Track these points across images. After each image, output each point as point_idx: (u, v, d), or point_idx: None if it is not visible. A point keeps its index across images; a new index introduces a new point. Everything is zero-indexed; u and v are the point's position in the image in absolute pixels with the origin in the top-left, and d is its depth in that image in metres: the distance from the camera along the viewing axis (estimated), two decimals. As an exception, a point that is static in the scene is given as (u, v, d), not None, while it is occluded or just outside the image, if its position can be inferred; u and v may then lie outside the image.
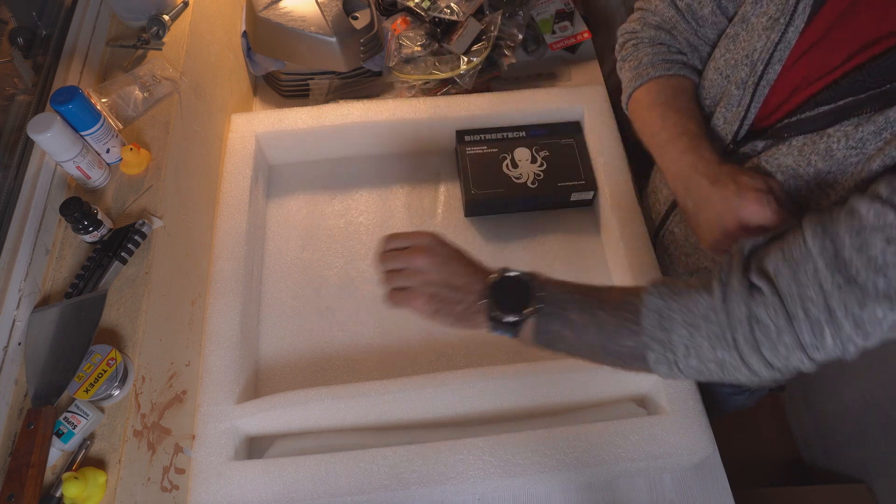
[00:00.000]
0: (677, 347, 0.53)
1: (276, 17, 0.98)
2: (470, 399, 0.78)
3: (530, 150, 0.98)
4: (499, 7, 1.06)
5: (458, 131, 1.00)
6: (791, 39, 0.63)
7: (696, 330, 0.53)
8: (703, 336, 0.52)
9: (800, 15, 0.62)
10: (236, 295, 0.84)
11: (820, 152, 0.59)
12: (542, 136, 1.00)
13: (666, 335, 0.54)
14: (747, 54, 0.67)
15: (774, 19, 0.64)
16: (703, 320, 0.52)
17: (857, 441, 1.37)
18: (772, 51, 0.64)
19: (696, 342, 0.53)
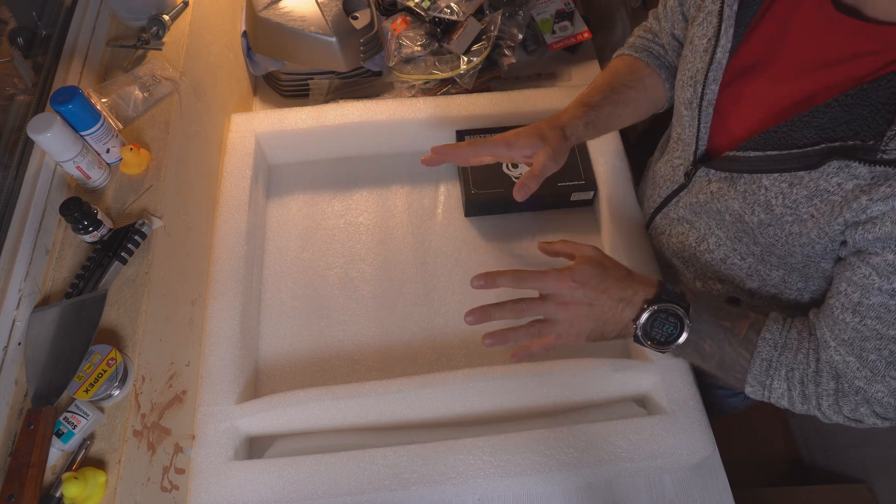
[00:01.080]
0: (773, 392, 0.64)
1: (276, 17, 0.98)
2: (470, 399, 0.78)
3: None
4: (499, 7, 1.06)
5: (458, 131, 1.00)
6: (721, 60, 0.65)
7: (793, 387, 0.62)
8: (797, 394, 0.62)
9: (723, 35, 0.64)
10: (236, 295, 0.84)
11: (762, 204, 0.62)
12: None
13: (769, 381, 0.64)
14: (692, 75, 0.69)
15: (710, 40, 0.66)
16: (800, 384, 0.62)
17: (857, 441, 1.37)
18: (706, 71, 0.66)
19: (791, 396, 0.63)
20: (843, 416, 0.61)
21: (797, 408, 0.64)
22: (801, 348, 0.63)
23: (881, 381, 0.57)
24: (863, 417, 0.60)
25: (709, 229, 0.74)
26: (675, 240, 0.81)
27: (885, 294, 0.54)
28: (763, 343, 0.63)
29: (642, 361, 0.80)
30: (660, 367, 0.78)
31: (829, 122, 0.55)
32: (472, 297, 0.91)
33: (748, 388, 0.65)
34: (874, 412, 0.59)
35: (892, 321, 0.55)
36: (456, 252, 0.95)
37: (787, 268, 0.67)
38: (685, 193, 0.76)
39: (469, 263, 0.94)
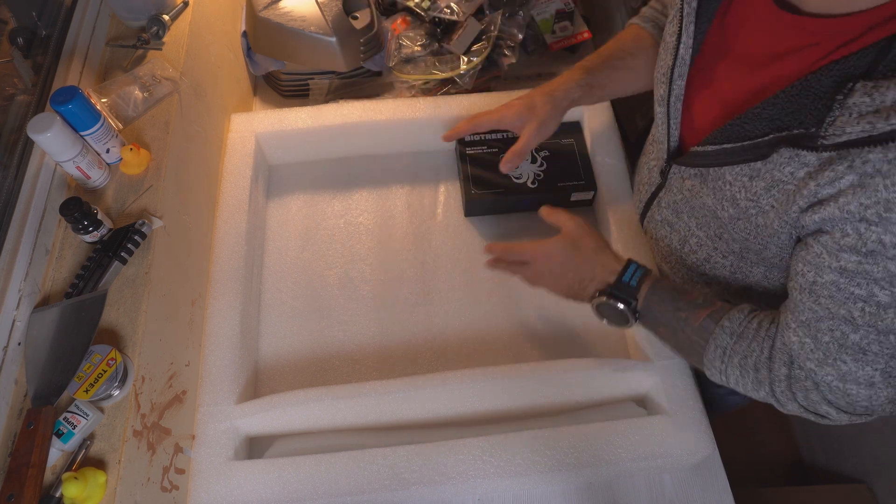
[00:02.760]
0: (729, 378, 0.66)
1: (276, 17, 0.98)
2: (470, 399, 0.78)
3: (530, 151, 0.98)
4: (499, 7, 1.06)
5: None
6: (684, 56, 0.67)
7: (746, 374, 0.64)
8: (751, 380, 0.64)
9: (684, 32, 0.66)
10: (236, 295, 0.84)
11: (728, 199, 0.63)
12: None
13: (723, 367, 0.65)
14: (663, 72, 0.71)
15: (675, 36, 0.68)
16: (753, 370, 0.63)
17: (857, 441, 1.37)
18: (671, 67, 0.68)
19: (745, 382, 0.64)
20: (797, 403, 0.61)
21: (754, 394, 0.65)
22: (758, 337, 0.63)
23: (831, 364, 0.57)
24: (817, 406, 0.60)
25: (689, 230, 0.74)
26: (661, 244, 0.82)
27: (835, 272, 0.54)
28: (720, 331, 0.65)
29: (642, 362, 0.80)
30: (660, 368, 0.78)
31: (777, 114, 0.57)
32: (472, 297, 0.92)
33: (708, 373, 0.68)
34: (826, 399, 0.59)
35: (842, 300, 0.55)
36: (456, 252, 0.95)
37: (765, 264, 0.68)
38: (664, 193, 0.77)
39: (469, 263, 0.94)
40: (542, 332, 0.88)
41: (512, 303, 0.91)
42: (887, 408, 0.58)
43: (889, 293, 0.52)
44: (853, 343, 0.55)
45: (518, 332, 0.89)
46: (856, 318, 0.54)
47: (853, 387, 0.56)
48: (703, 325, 0.66)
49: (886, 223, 0.50)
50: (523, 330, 0.89)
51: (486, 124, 0.86)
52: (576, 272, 0.75)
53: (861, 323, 0.54)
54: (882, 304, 0.53)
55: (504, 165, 0.83)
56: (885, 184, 0.49)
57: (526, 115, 0.82)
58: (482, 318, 0.90)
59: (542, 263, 0.77)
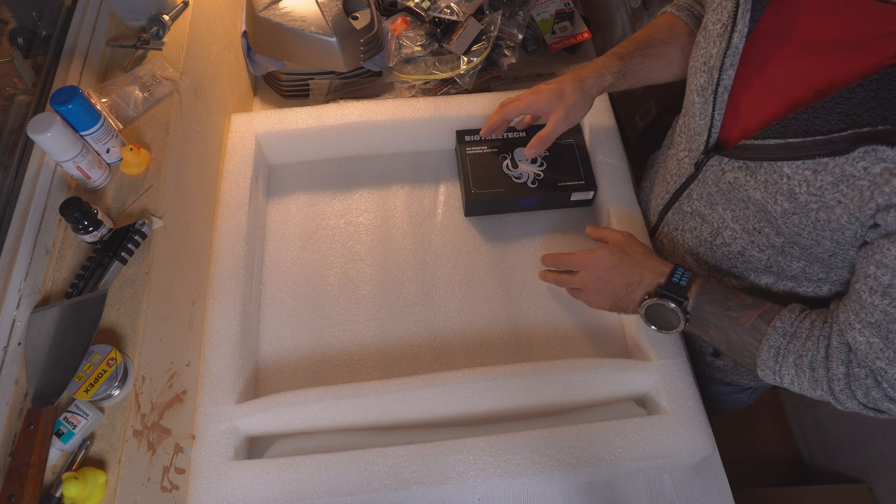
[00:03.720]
0: (784, 378, 0.66)
1: (276, 17, 0.98)
2: (470, 399, 0.78)
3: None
4: (499, 7, 1.06)
5: (458, 131, 1.00)
6: (738, 45, 0.65)
7: (802, 373, 0.64)
8: (807, 379, 0.64)
9: (740, 20, 0.64)
10: (236, 295, 0.84)
11: (784, 193, 0.61)
12: None
13: (777, 367, 0.66)
14: (705, 61, 0.69)
15: (724, 25, 0.66)
16: (809, 369, 0.63)
17: (857, 441, 1.37)
18: (723, 56, 0.66)
19: (801, 382, 0.65)
20: (857, 401, 0.62)
21: (811, 393, 0.65)
22: (812, 336, 0.63)
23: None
24: (878, 403, 0.60)
25: (723, 222, 0.73)
26: (689, 235, 0.80)
27: None
28: (773, 331, 0.65)
29: (642, 361, 0.80)
30: (660, 367, 0.78)
31: (854, 108, 0.54)
32: (472, 297, 0.92)
33: (760, 373, 0.68)
34: (888, 396, 0.59)
35: None
36: (456, 252, 0.95)
37: (809, 258, 0.67)
38: (696, 185, 0.75)
39: (469, 263, 0.94)
40: (542, 332, 0.88)
41: (512, 303, 0.91)
42: None
43: None
44: None
45: (518, 332, 0.89)
46: None
47: None
48: (755, 325, 0.66)
49: None
50: (523, 330, 0.89)
51: (515, 112, 0.86)
52: (625, 276, 0.74)
53: None
54: None
55: (529, 151, 0.86)
56: None
57: (555, 102, 0.82)
58: (482, 318, 0.90)
59: (592, 270, 0.77)
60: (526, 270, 0.93)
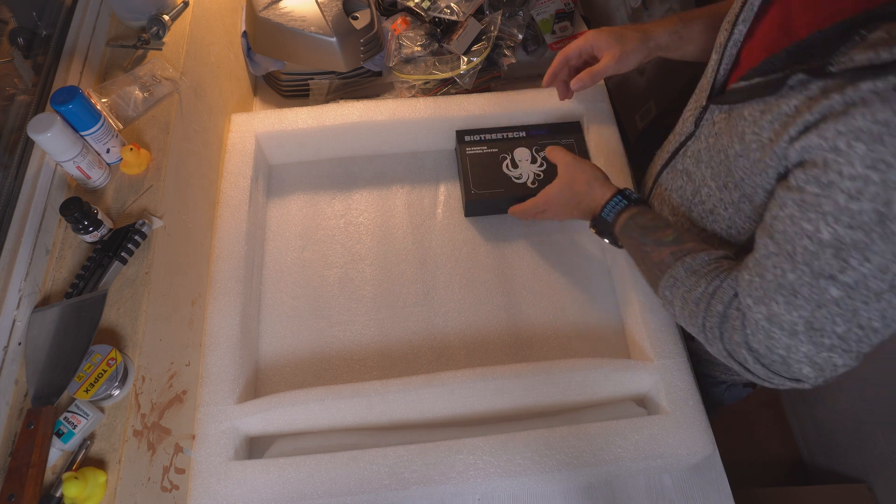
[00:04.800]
0: (674, 307, 0.69)
1: (276, 17, 0.98)
2: (470, 399, 0.78)
3: (530, 151, 0.98)
4: (499, 7, 1.06)
5: (459, 131, 1.00)
6: (754, 3, 0.66)
7: (686, 305, 0.67)
8: (688, 311, 0.66)
9: None
10: (236, 295, 0.84)
11: (738, 135, 0.64)
12: (543, 136, 1.00)
13: (671, 296, 0.69)
14: (728, 19, 0.71)
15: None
16: (694, 303, 0.65)
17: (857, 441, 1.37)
18: (738, 11, 0.68)
19: (683, 313, 0.68)
20: (721, 344, 0.62)
21: (687, 327, 0.68)
22: (709, 276, 0.65)
23: (766, 303, 0.57)
24: (736, 350, 0.61)
25: (703, 180, 0.75)
26: (675, 194, 0.82)
27: (795, 205, 0.55)
28: (679, 265, 0.68)
29: (642, 361, 0.80)
30: (660, 367, 0.78)
31: (806, 50, 0.57)
32: (472, 297, 0.92)
33: (662, 302, 0.72)
34: (747, 344, 0.59)
35: (792, 235, 0.55)
36: (456, 252, 0.95)
37: (757, 219, 0.68)
38: (693, 142, 0.77)
39: (469, 263, 0.94)
40: (542, 332, 0.88)
41: (512, 303, 0.91)
42: (805, 369, 0.57)
43: (831, 231, 0.52)
44: (789, 283, 0.55)
45: (518, 331, 0.89)
46: (797, 254, 0.54)
47: (777, 331, 0.57)
48: (664, 259, 0.70)
49: (850, 154, 0.50)
50: (523, 330, 0.89)
51: (574, 50, 0.88)
52: (576, 207, 0.84)
53: (800, 261, 0.54)
54: (823, 241, 0.52)
55: (575, 83, 0.87)
56: (863, 112, 0.49)
57: (613, 41, 0.85)
58: (482, 318, 0.90)
59: (553, 207, 0.87)
60: (526, 270, 0.93)
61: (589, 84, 0.87)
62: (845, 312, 0.54)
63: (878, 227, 0.50)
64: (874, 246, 0.51)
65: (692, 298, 0.65)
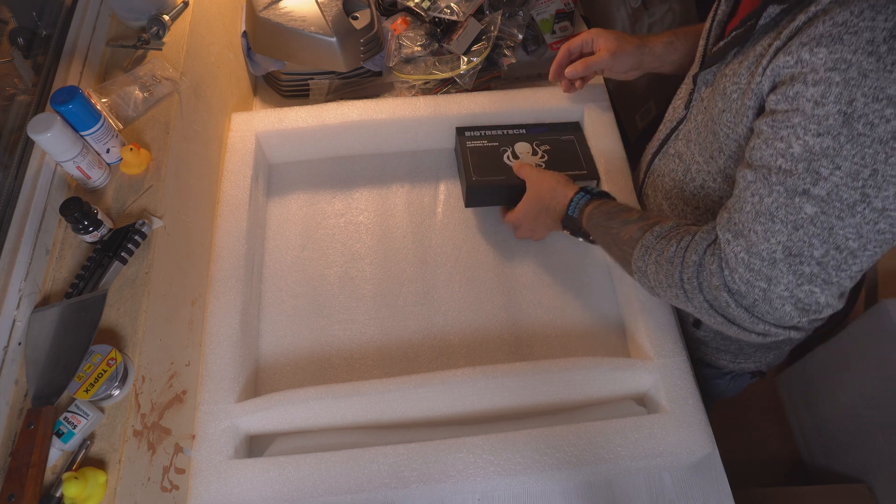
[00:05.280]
0: (648, 275, 0.67)
1: (276, 17, 0.98)
2: (470, 398, 0.78)
3: (531, 145, 0.98)
4: (499, 7, 1.06)
5: (458, 127, 1.00)
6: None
7: (660, 267, 0.65)
8: (664, 273, 0.65)
9: None
10: (236, 294, 0.84)
11: (720, 93, 0.65)
12: (542, 133, 1.00)
13: (644, 266, 0.68)
14: (714, 8, 0.73)
15: None
16: (668, 263, 0.64)
17: (857, 441, 1.37)
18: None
19: (658, 277, 0.66)
20: (702, 296, 0.61)
21: (665, 292, 0.66)
22: (678, 235, 0.65)
23: (745, 235, 0.57)
24: (717, 295, 0.59)
25: (692, 158, 0.76)
26: (667, 178, 0.83)
27: (767, 125, 0.55)
28: (649, 234, 0.68)
29: (642, 360, 0.80)
30: (659, 366, 0.78)
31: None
32: (472, 296, 0.92)
33: (635, 278, 0.71)
34: (727, 287, 0.58)
35: (767, 157, 0.55)
36: (456, 251, 0.95)
37: None
38: (685, 124, 0.78)
39: (469, 262, 0.94)
40: (542, 331, 0.89)
41: (512, 301, 0.91)
42: (788, 307, 0.56)
43: (801, 143, 0.52)
44: (766, 208, 0.55)
45: (518, 330, 0.89)
46: (772, 175, 0.55)
47: (756, 261, 0.56)
48: (633, 236, 0.70)
49: (813, 61, 0.51)
50: (523, 329, 0.89)
51: (577, 43, 0.92)
52: (547, 215, 0.86)
53: (775, 181, 0.54)
54: (794, 156, 0.53)
55: (569, 71, 0.92)
56: (823, 19, 0.50)
57: (612, 39, 0.88)
58: (482, 317, 0.90)
59: (526, 223, 0.90)
60: (526, 269, 0.94)
61: (581, 72, 0.91)
62: (821, 231, 0.53)
63: (845, 129, 0.50)
64: (843, 151, 0.51)
65: (665, 258, 0.64)
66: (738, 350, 0.88)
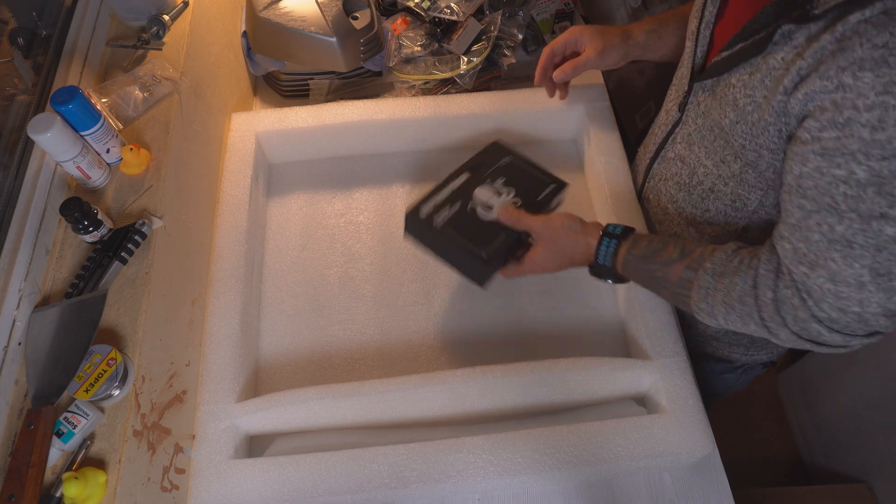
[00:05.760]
0: (718, 318, 0.65)
1: (276, 17, 0.98)
2: (470, 398, 0.78)
3: (488, 187, 0.83)
4: (499, 7, 1.06)
5: (407, 214, 0.82)
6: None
7: (732, 308, 0.63)
8: (737, 313, 0.63)
9: None
10: (236, 294, 0.84)
11: (730, 103, 0.64)
12: (482, 167, 0.87)
13: (710, 308, 0.65)
14: (698, 7, 0.72)
15: None
16: (739, 303, 0.62)
17: (857, 441, 1.37)
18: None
19: (733, 318, 0.64)
20: (788, 329, 0.60)
21: (746, 329, 0.64)
22: (739, 271, 0.63)
23: (822, 265, 0.55)
24: (807, 327, 0.58)
25: (698, 161, 0.75)
26: (671, 183, 0.82)
27: (818, 156, 0.54)
28: (703, 273, 0.65)
29: (642, 360, 0.80)
30: (659, 366, 0.78)
31: (781, 8, 0.58)
32: (472, 297, 0.92)
33: (700, 318, 0.68)
34: (814, 316, 0.57)
35: (826, 186, 0.54)
36: (456, 252, 0.95)
37: (763, 184, 0.68)
38: (681, 128, 0.78)
39: (469, 263, 0.94)
40: (542, 332, 0.89)
41: (512, 302, 0.91)
42: (881, 320, 0.55)
43: (865, 168, 0.51)
44: (840, 236, 0.54)
45: (518, 331, 0.89)
46: (839, 204, 0.53)
47: (844, 289, 0.55)
48: (682, 276, 0.67)
49: (859, 86, 0.50)
50: (523, 329, 0.89)
51: (560, 44, 0.89)
52: (568, 262, 0.78)
53: (844, 209, 0.53)
54: (861, 181, 0.52)
55: (558, 74, 0.88)
56: (859, 42, 0.49)
57: (596, 36, 0.86)
58: (482, 317, 0.90)
59: (544, 269, 0.79)
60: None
61: (571, 75, 0.88)
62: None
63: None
64: None
65: (735, 299, 0.62)
66: (751, 342, 0.88)
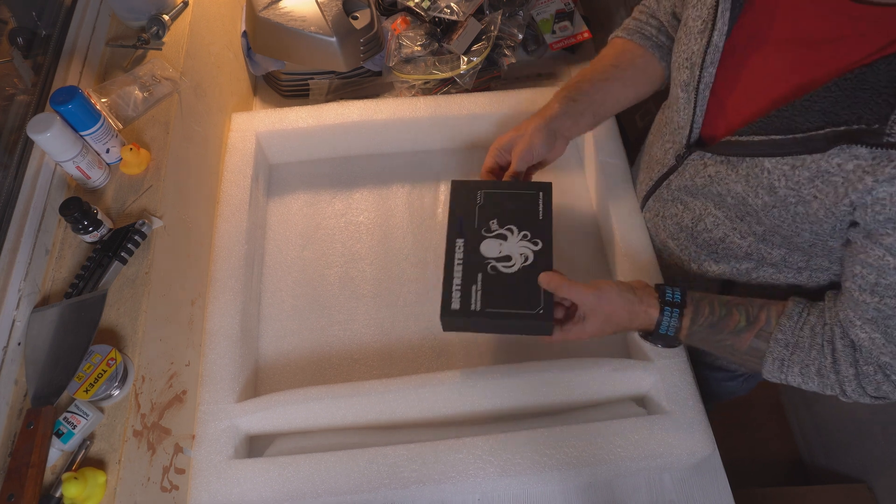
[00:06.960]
0: (790, 382, 0.67)
1: (276, 17, 0.98)
2: (470, 398, 0.78)
3: (492, 240, 0.76)
4: (499, 7, 1.06)
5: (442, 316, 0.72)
6: (718, 43, 0.66)
7: (810, 380, 0.66)
8: (816, 385, 0.66)
9: (720, 18, 0.65)
10: (236, 294, 0.84)
11: (765, 187, 0.63)
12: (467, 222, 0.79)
13: (783, 376, 0.67)
14: (687, 57, 0.70)
15: (705, 22, 0.66)
16: (818, 376, 0.65)
17: (857, 441, 1.37)
18: (703, 54, 0.67)
19: (808, 384, 0.66)
20: (869, 397, 0.63)
21: (819, 392, 0.67)
22: (815, 344, 0.65)
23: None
24: (889, 394, 0.62)
25: (705, 209, 0.74)
26: (669, 221, 0.82)
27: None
28: (775, 344, 0.66)
29: (642, 361, 0.80)
30: (659, 367, 0.78)
31: (831, 106, 0.56)
32: (472, 297, 0.91)
33: (769, 379, 0.70)
34: None
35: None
36: (456, 252, 0.95)
37: (790, 246, 0.68)
38: (675, 176, 0.77)
39: (469, 263, 0.94)
40: (542, 332, 0.88)
41: (512, 302, 0.91)
42: None
43: None
44: None
45: (518, 331, 0.89)
46: None
47: None
48: (752, 346, 0.68)
49: None
50: (523, 330, 0.89)
51: (492, 155, 0.82)
52: (618, 329, 0.72)
53: None
54: None
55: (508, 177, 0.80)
56: None
57: (516, 139, 0.80)
58: (482, 317, 0.90)
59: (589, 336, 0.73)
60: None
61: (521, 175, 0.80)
62: None
63: None
64: None
65: (814, 373, 0.65)
66: None
